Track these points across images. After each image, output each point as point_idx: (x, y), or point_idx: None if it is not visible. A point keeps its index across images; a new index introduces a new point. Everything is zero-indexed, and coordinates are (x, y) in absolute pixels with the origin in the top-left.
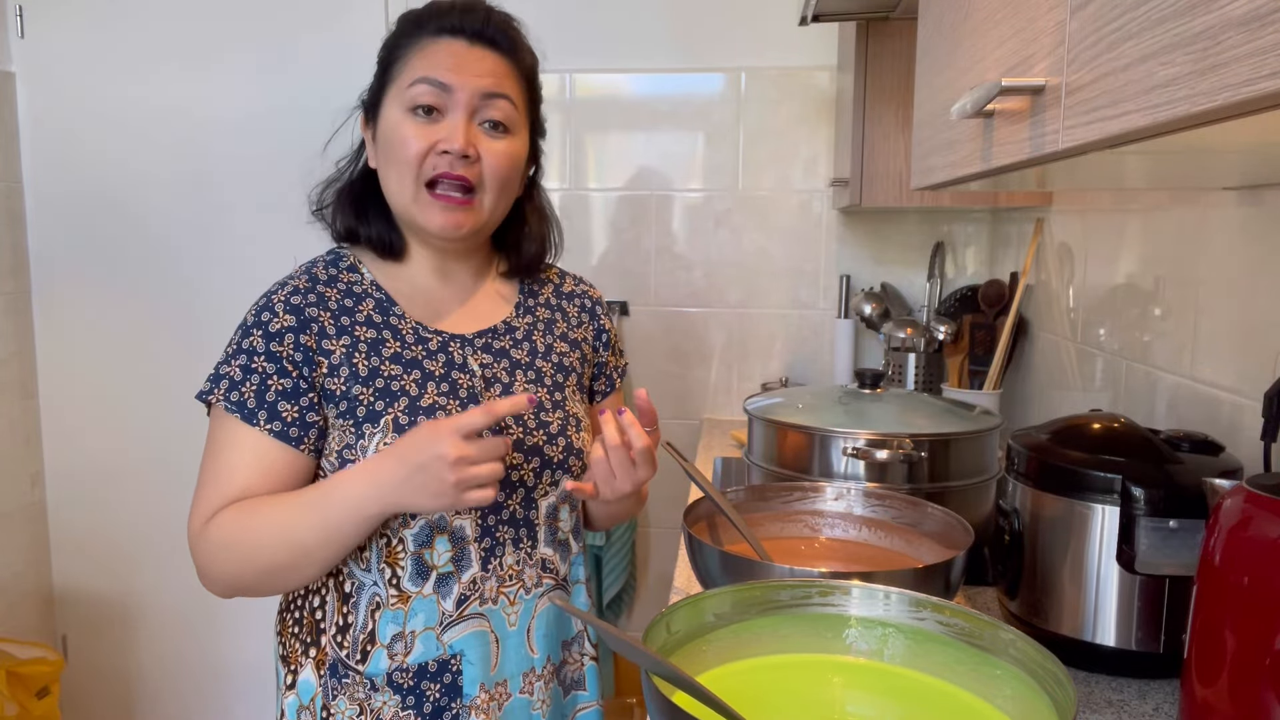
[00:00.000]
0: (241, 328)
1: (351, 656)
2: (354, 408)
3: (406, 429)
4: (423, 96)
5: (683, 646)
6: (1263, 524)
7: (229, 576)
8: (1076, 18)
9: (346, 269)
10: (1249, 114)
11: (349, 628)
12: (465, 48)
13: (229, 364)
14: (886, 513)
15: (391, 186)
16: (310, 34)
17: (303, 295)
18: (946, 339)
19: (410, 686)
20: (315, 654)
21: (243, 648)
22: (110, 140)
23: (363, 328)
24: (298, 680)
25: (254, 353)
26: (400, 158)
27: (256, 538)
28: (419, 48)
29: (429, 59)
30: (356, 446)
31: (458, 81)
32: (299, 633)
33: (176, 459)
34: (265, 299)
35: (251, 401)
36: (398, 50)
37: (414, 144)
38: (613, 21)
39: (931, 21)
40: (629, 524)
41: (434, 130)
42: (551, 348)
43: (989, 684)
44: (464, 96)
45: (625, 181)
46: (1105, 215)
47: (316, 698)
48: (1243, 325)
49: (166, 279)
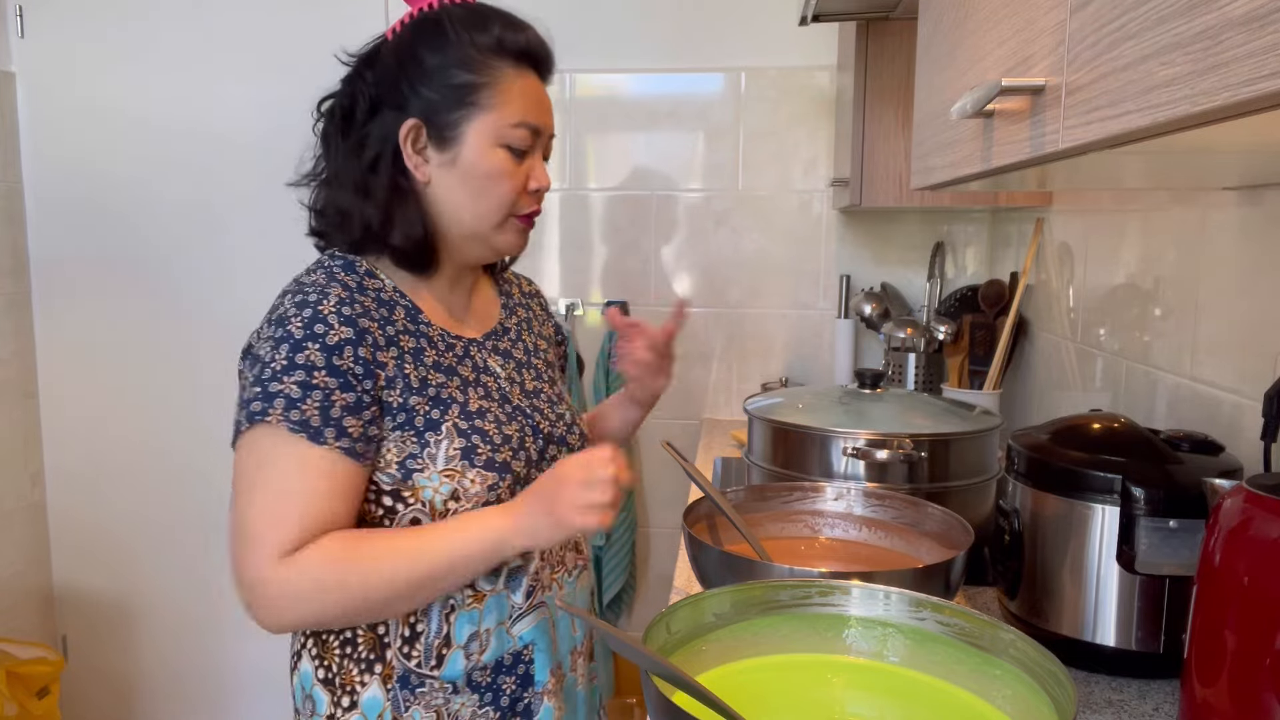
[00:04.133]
0: (288, 342)
1: (425, 664)
2: (412, 418)
3: (465, 434)
4: (524, 141)
5: (683, 646)
6: (1263, 524)
7: (313, 615)
8: (1076, 18)
9: (366, 275)
10: (1249, 114)
11: (418, 636)
12: (541, 87)
13: (279, 381)
14: (886, 513)
15: (469, 213)
16: (310, 33)
17: (350, 305)
18: (946, 339)
19: (488, 683)
20: (381, 669)
21: (243, 647)
22: (110, 140)
23: (404, 336)
24: (360, 700)
25: (312, 368)
26: (496, 193)
27: (365, 578)
28: (507, 80)
29: (525, 100)
30: (423, 455)
31: (546, 128)
32: (352, 653)
33: (176, 459)
34: (310, 310)
35: (316, 419)
36: (476, 68)
37: (513, 182)
38: (613, 21)
39: (931, 21)
40: (629, 524)
41: (524, 168)
42: (537, 345)
43: (989, 684)
44: (544, 141)
45: (625, 181)
46: (1105, 215)
47: (385, 713)
48: (1243, 325)
49: (166, 279)
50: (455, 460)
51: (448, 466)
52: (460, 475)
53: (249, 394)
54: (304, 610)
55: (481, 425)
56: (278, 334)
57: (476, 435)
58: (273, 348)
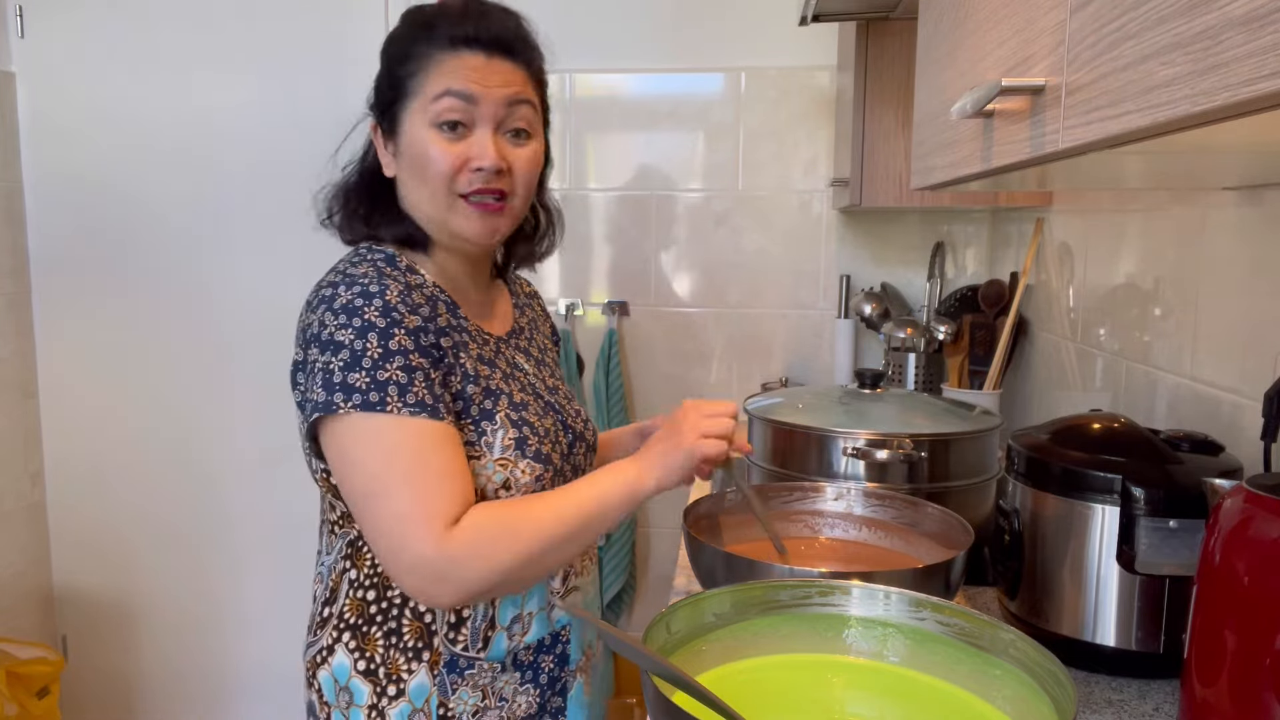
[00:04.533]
0: (374, 330)
1: (471, 647)
2: (469, 407)
3: (516, 424)
4: (449, 113)
5: (683, 646)
6: (1263, 524)
7: (498, 571)
8: (1076, 18)
9: (408, 270)
10: (1249, 114)
11: (464, 622)
12: (484, 60)
13: (383, 369)
14: (886, 513)
15: (420, 198)
16: (310, 33)
17: (409, 296)
18: (946, 339)
19: (530, 662)
20: (429, 656)
21: (243, 648)
22: (110, 140)
23: (451, 331)
24: (407, 687)
25: (407, 351)
26: (431, 174)
27: (534, 524)
28: (437, 61)
29: (451, 72)
30: (479, 444)
31: (483, 94)
32: (398, 643)
33: (177, 458)
34: (380, 300)
35: (429, 398)
36: (412, 59)
37: (445, 161)
38: (613, 21)
39: (931, 21)
40: (629, 524)
41: (463, 147)
42: (545, 345)
43: (989, 684)
44: (489, 109)
45: (625, 181)
46: (1105, 215)
47: (431, 697)
48: (1243, 325)
49: (166, 278)
50: (510, 450)
51: (502, 455)
52: (513, 465)
53: (349, 381)
54: (487, 568)
55: (527, 417)
56: (357, 323)
57: (525, 427)
58: (358, 336)
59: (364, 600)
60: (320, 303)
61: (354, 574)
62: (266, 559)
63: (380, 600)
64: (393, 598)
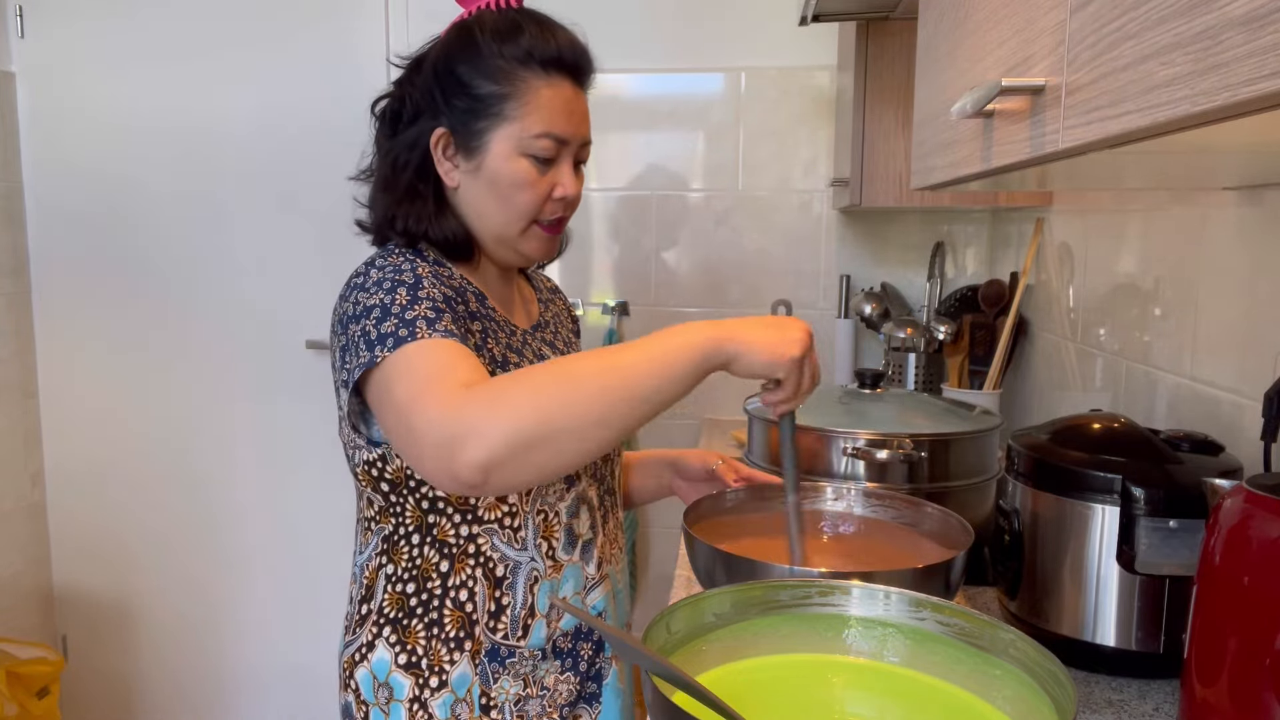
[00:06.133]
0: (404, 285)
1: (512, 635)
2: None
3: None
4: (547, 150)
5: (683, 646)
6: (1263, 524)
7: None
8: (1076, 18)
9: (435, 263)
10: (1249, 114)
11: (504, 610)
12: (573, 92)
13: (413, 309)
14: (886, 513)
15: (495, 220)
16: (311, 33)
17: (436, 276)
18: (946, 339)
19: (569, 649)
20: (470, 645)
21: (242, 648)
22: (110, 140)
23: (480, 318)
24: (450, 678)
25: (435, 300)
26: (519, 201)
27: (561, 366)
28: (533, 90)
29: (550, 110)
30: None
31: (574, 136)
32: (440, 634)
33: (177, 458)
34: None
35: (456, 329)
36: (503, 78)
37: (535, 191)
38: (612, 21)
39: (931, 21)
40: (629, 524)
41: (551, 177)
42: (570, 340)
43: (989, 684)
44: (574, 149)
45: (625, 181)
46: (1105, 215)
47: (474, 687)
48: (1243, 325)
49: (166, 279)
50: None
51: None
52: None
53: (382, 331)
54: (511, 414)
55: None
56: (386, 284)
57: None
58: (389, 291)
59: (403, 594)
60: (351, 289)
61: (390, 568)
62: (266, 559)
63: (420, 592)
64: (433, 589)
